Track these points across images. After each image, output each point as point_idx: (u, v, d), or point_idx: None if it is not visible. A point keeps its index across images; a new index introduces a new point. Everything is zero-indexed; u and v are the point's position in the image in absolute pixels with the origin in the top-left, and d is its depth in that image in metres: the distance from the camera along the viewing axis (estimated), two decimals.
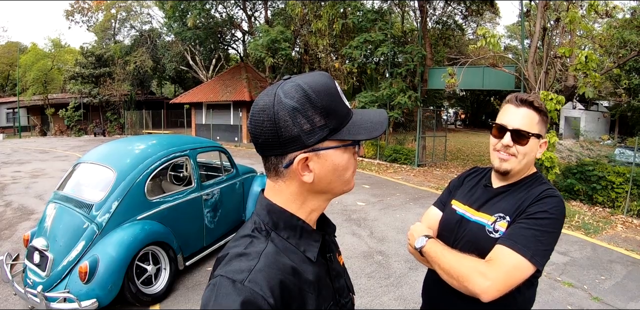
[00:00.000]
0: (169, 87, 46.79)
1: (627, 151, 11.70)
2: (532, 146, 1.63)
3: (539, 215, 1.53)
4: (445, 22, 21.15)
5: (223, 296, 0.83)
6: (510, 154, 1.65)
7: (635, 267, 5.98)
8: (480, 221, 1.69)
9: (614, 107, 25.39)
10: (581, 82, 8.36)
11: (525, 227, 1.52)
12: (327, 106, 0.92)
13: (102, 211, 4.18)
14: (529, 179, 1.71)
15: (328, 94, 0.94)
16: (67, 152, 19.11)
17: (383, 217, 8.09)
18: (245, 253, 0.91)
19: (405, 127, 21.91)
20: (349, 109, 1.00)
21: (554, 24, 9.83)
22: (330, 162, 0.96)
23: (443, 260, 1.55)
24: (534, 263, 1.45)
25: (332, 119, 0.93)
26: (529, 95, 1.66)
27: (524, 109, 1.63)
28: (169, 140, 5.62)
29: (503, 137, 1.64)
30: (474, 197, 1.80)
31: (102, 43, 34.78)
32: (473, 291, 1.43)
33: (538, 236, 1.49)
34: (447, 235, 1.78)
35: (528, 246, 1.46)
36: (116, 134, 30.66)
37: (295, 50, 23.13)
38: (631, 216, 8.71)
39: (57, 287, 3.90)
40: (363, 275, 5.31)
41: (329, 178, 0.98)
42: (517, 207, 1.61)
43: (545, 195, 1.59)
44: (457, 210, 1.82)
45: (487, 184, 1.81)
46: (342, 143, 0.96)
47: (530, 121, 1.62)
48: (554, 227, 1.53)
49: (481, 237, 1.65)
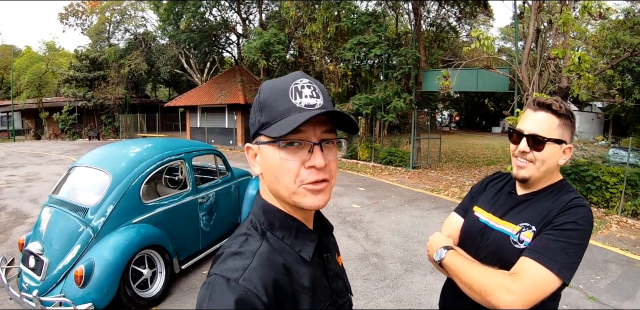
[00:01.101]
0: (164, 91, 46.70)
1: (621, 152, 11.75)
2: (552, 152, 1.57)
3: (567, 227, 1.48)
4: (439, 25, 21.17)
5: (217, 294, 0.84)
6: (527, 160, 1.59)
7: (630, 266, 6.02)
8: (504, 230, 1.63)
9: (607, 108, 25.52)
10: (575, 83, 8.39)
11: (553, 239, 1.46)
12: (264, 100, 0.96)
13: (97, 215, 4.17)
14: (555, 186, 1.65)
15: (274, 88, 0.96)
16: (62, 155, 19.04)
17: (378, 219, 8.11)
18: (240, 252, 0.93)
19: (400, 129, 21.98)
20: (293, 107, 0.93)
21: (547, 26, 9.88)
22: (266, 158, 0.96)
23: (464, 274, 1.51)
24: (561, 277, 1.40)
25: (265, 114, 0.95)
26: (548, 99, 1.60)
27: (542, 112, 1.58)
28: (164, 143, 5.62)
29: (520, 142, 1.59)
30: (498, 204, 1.74)
31: (97, 46, 34.70)
32: (497, 306, 1.39)
33: (566, 248, 1.44)
34: (469, 243, 1.74)
35: (555, 259, 1.41)
36: (111, 137, 30.55)
37: (290, 53, 23.13)
38: (625, 216, 8.74)
39: (52, 292, 3.89)
40: (359, 277, 5.31)
41: (268, 176, 0.98)
42: (543, 217, 1.55)
43: (573, 204, 1.53)
44: (479, 217, 1.76)
45: (512, 190, 1.74)
46: (268, 139, 0.94)
47: (549, 126, 1.55)
48: (582, 239, 1.48)
49: (505, 247, 1.59)
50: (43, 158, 18.18)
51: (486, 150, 23.65)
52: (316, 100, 0.95)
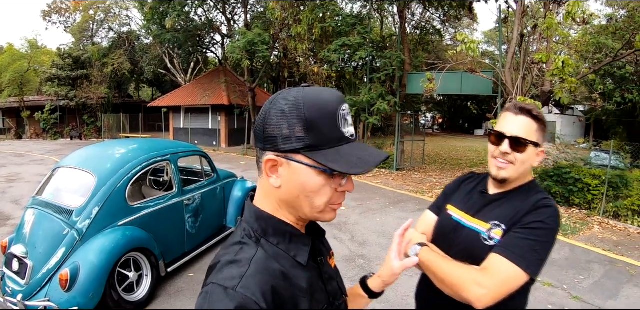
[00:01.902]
0: (147, 91, 46.26)
1: (602, 154, 11.93)
2: (530, 154, 1.65)
3: (534, 225, 1.54)
4: (424, 28, 21.33)
5: (216, 303, 0.84)
6: (508, 162, 1.66)
7: (613, 266, 6.14)
8: (475, 228, 1.70)
9: (589, 111, 25.86)
10: (557, 87, 8.51)
11: (521, 237, 1.53)
12: (312, 120, 0.92)
13: (82, 217, 4.13)
14: (526, 187, 1.73)
15: (321, 109, 0.93)
16: (44, 156, 18.78)
17: (363, 221, 8.14)
18: (236, 260, 0.92)
19: (384, 131, 22.05)
20: (342, 136, 0.96)
21: (531, 31, 9.99)
22: (298, 177, 0.95)
23: (437, 269, 1.57)
24: (528, 272, 1.47)
25: (313, 136, 0.92)
26: (528, 104, 1.68)
27: (523, 117, 1.65)
28: (149, 144, 5.59)
29: (501, 144, 1.66)
30: (470, 203, 1.81)
31: (80, 45, 34.21)
32: (468, 299, 1.46)
33: (534, 246, 1.51)
34: (442, 240, 1.80)
35: (524, 256, 1.48)
36: (93, 137, 30.19)
37: (275, 55, 23.10)
38: (607, 217, 8.90)
39: (37, 296, 3.84)
40: (345, 279, 5.28)
41: (295, 193, 0.97)
42: (512, 216, 1.62)
43: (541, 205, 1.60)
44: (452, 215, 1.83)
45: (484, 190, 1.81)
46: (315, 164, 0.93)
47: (529, 129, 1.64)
48: (549, 237, 1.55)
49: (476, 244, 1.66)
50: (24, 158, 17.92)
51: (469, 152, 23.82)
52: (353, 129, 1.01)
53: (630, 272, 5.92)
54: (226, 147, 23.44)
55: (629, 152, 11.53)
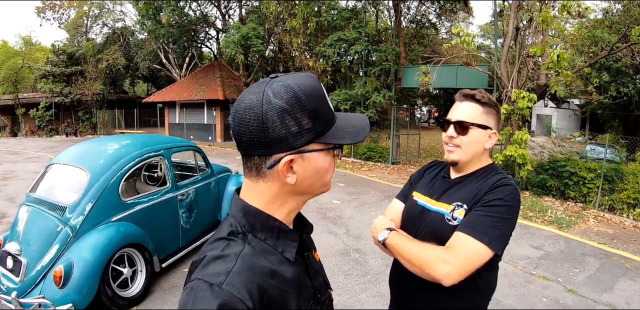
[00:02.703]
0: (142, 86, 46.16)
1: (597, 148, 11.94)
2: (476, 136, 1.73)
3: (494, 203, 1.61)
4: (419, 21, 21.28)
5: (200, 300, 0.82)
6: (455, 145, 1.75)
7: (608, 259, 6.16)
8: (439, 210, 1.76)
9: (584, 105, 25.86)
10: (553, 80, 8.51)
11: (482, 215, 1.59)
12: (315, 109, 0.92)
13: (75, 213, 4.11)
14: (484, 170, 1.79)
15: (317, 96, 0.94)
16: (39, 153, 18.72)
17: (358, 214, 8.14)
18: (222, 255, 0.91)
19: (380, 125, 22.03)
20: (333, 113, 1.01)
21: (526, 24, 9.99)
22: (314, 165, 0.96)
23: (405, 251, 1.62)
24: (492, 248, 1.53)
25: (320, 122, 0.94)
26: (472, 90, 1.78)
27: (466, 102, 1.76)
28: (142, 140, 5.55)
29: (447, 129, 1.77)
30: (434, 188, 1.87)
31: (74, 41, 34.09)
32: (435, 277, 1.50)
33: (494, 222, 1.57)
34: (410, 225, 1.85)
35: (485, 232, 1.54)
36: (88, 134, 30.11)
37: (270, 49, 23.04)
38: (602, 211, 8.94)
39: (31, 293, 3.82)
40: (340, 273, 5.33)
41: (311, 180, 0.98)
42: (473, 196, 1.68)
43: (500, 184, 1.67)
44: (418, 201, 1.88)
45: (445, 175, 1.89)
46: (326, 146, 0.96)
47: (473, 113, 1.73)
48: (509, 214, 1.61)
49: (441, 225, 1.71)
50: (19, 155, 17.86)
51: None
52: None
53: (626, 265, 5.93)
54: (222, 142, 23.42)
55: (624, 146, 11.56)
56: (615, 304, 4.75)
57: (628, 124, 20.97)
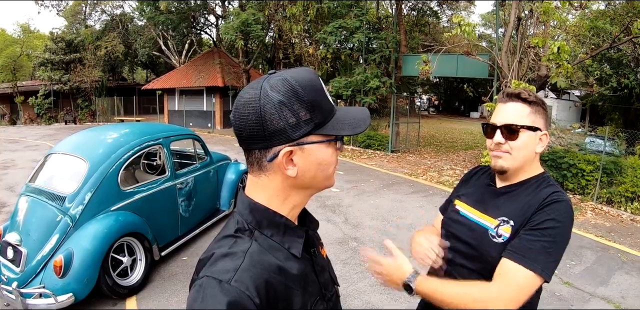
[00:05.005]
0: (141, 73, 45.96)
1: (597, 140, 11.92)
2: (527, 140, 1.56)
3: (547, 225, 1.46)
4: (420, 9, 21.14)
5: (210, 297, 0.83)
6: (503, 151, 1.59)
7: (605, 252, 6.18)
8: (483, 224, 1.63)
9: (585, 96, 25.82)
10: (554, 72, 8.48)
11: (533, 239, 1.45)
12: (312, 101, 0.93)
13: (75, 203, 4.13)
14: (535, 180, 1.63)
15: (314, 89, 0.95)
16: (38, 141, 18.67)
17: (357, 203, 8.17)
18: (230, 253, 0.92)
19: (379, 113, 21.98)
20: (332, 105, 1.01)
21: (528, 14, 9.93)
22: (314, 157, 0.97)
23: (447, 296, 1.44)
24: (544, 276, 1.41)
25: (318, 114, 0.94)
26: (516, 89, 1.60)
27: (511, 103, 1.59)
28: (141, 128, 5.56)
29: (494, 135, 1.59)
30: (477, 198, 1.74)
31: (73, 28, 33.78)
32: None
33: (547, 248, 1.43)
34: (450, 236, 1.74)
35: (537, 260, 1.41)
36: (87, 121, 29.99)
37: (270, 36, 22.91)
38: (600, 203, 8.95)
39: (32, 283, 3.85)
40: (338, 261, 5.36)
41: (312, 172, 0.98)
42: (522, 213, 1.54)
43: (552, 200, 1.50)
44: (460, 210, 1.77)
45: (491, 183, 1.74)
46: (326, 138, 0.97)
47: (520, 114, 1.56)
48: (563, 236, 1.47)
49: (484, 240, 1.59)
50: (19, 144, 17.81)
51: (464, 134, 23.85)
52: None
53: (622, 259, 5.95)
54: (221, 129, 23.37)
55: (623, 139, 11.54)
56: (611, 297, 4.78)
57: (628, 117, 20.95)
